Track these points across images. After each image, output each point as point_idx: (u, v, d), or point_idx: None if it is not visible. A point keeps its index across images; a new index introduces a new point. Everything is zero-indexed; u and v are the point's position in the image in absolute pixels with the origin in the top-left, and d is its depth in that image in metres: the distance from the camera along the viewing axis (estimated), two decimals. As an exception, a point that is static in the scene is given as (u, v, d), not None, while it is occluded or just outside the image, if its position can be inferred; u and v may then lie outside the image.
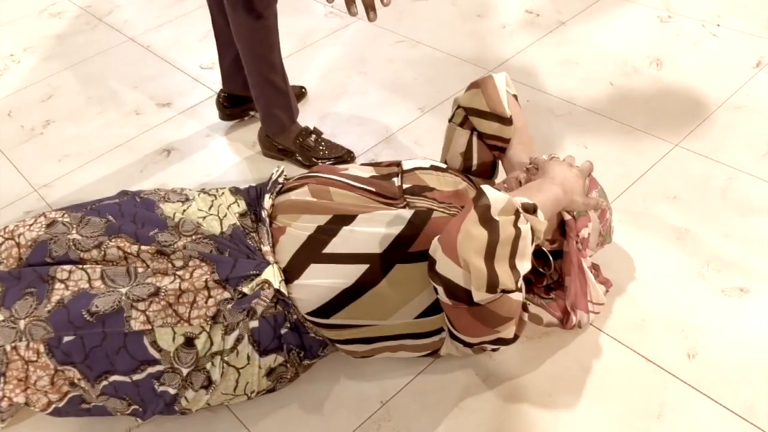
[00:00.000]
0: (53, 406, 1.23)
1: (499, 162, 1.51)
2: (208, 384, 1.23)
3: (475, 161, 1.49)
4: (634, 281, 1.47)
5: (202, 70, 2.33)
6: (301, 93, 2.14)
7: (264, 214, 1.29)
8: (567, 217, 1.32)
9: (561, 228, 1.35)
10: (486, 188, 1.13)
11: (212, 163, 1.93)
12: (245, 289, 1.20)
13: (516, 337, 1.26)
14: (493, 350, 1.36)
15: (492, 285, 1.07)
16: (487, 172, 1.52)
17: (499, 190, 1.29)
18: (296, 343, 1.27)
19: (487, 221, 1.09)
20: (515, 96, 1.48)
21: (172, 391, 1.21)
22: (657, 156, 1.77)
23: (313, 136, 1.87)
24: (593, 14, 2.35)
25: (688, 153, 1.76)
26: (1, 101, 2.29)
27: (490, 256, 1.07)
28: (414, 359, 1.37)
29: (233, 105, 2.02)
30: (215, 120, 2.09)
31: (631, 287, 1.46)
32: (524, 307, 1.27)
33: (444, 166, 1.44)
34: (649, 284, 1.46)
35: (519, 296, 1.18)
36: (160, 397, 1.21)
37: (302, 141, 1.85)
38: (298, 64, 2.29)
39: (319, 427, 1.29)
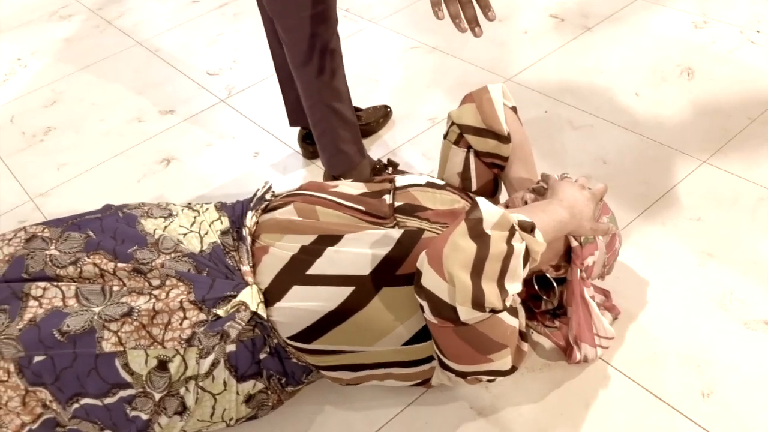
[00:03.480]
0: (27, 428, 1.23)
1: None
2: (183, 410, 1.22)
3: (474, 181, 1.46)
4: (647, 310, 1.42)
5: (209, 77, 2.34)
6: (386, 112, 2.00)
7: (245, 232, 1.28)
8: (574, 243, 1.28)
9: (568, 255, 1.31)
10: (481, 201, 1.10)
11: (212, 175, 1.94)
12: (220, 311, 1.19)
13: (514, 369, 1.23)
14: (489, 381, 1.32)
15: (477, 301, 1.04)
16: (489, 191, 1.49)
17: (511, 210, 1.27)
18: (277, 368, 1.26)
19: (478, 235, 1.06)
20: (514, 108, 1.44)
21: (145, 417, 1.20)
22: (682, 174, 1.71)
23: (390, 170, 1.78)
24: (622, 19, 2.29)
25: (717, 171, 1.70)
26: (5, 106, 2.34)
27: (477, 271, 1.04)
28: (405, 389, 1.34)
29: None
30: (218, 128, 2.10)
31: (643, 316, 1.41)
32: (523, 336, 1.24)
33: (441, 182, 1.41)
34: (665, 314, 1.41)
35: (514, 321, 1.15)
36: (132, 423, 1.21)
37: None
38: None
39: (300, 459, 1.27)
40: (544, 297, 1.38)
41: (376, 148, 1.94)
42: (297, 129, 1.96)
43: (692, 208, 1.62)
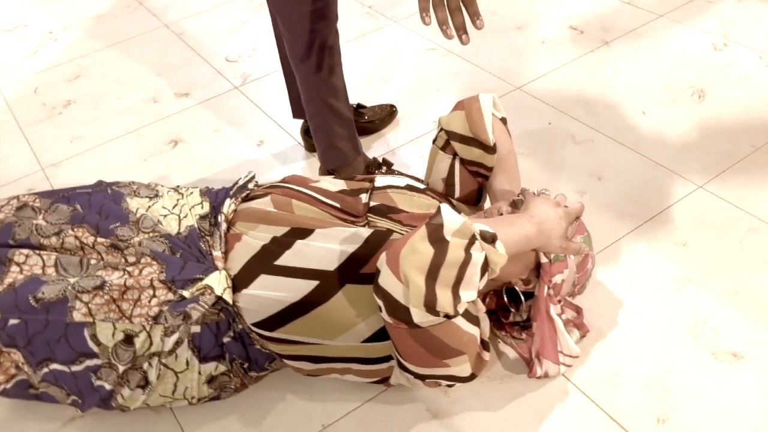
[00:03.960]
0: (2, 386, 1.30)
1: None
2: (145, 384, 1.27)
3: (457, 188, 1.47)
4: (617, 330, 1.42)
5: (227, 63, 2.40)
6: (392, 111, 2.03)
7: (221, 218, 1.33)
8: (543, 259, 1.29)
9: (538, 270, 1.32)
10: (444, 208, 1.12)
11: (215, 159, 1.99)
12: (185, 293, 1.23)
13: (473, 376, 1.25)
14: (449, 386, 1.34)
15: (430, 305, 1.06)
16: (472, 199, 1.50)
17: (478, 218, 1.28)
18: (240, 353, 1.30)
19: (437, 240, 1.08)
20: (504, 119, 1.45)
21: (108, 387, 1.25)
22: (676, 197, 1.70)
23: (384, 168, 1.81)
24: (641, 36, 2.27)
25: (712, 197, 1.69)
26: (32, 77, 2.43)
27: (432, 275, 1.06)
28: (365, 385, 1.37)
29: None
30: (228, 115, 2.15)
31: (612, 336, 1.41)
32: (485, 345, 1.26)
33: (422, 186, 1.44)
34: (634, 336, 1.41)
35: (472, 329, 1.17)
36: (96, 391, 1.26)
37: None
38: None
39: (254, 443, 1.31)
40: (513, 309, 1.39)
41: (377, 146, 1.97)
42: (300, 121, 2.00)
43: (680, 233, 1.61)
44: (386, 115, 2.01)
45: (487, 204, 1.58)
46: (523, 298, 1.35)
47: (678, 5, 2.39)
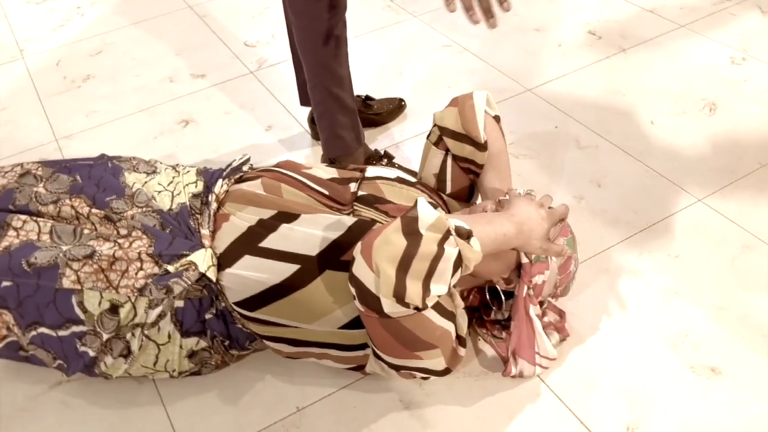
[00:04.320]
0: (-6, 346, 1.36)
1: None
2: (127, 353, 1.31)
3: (449, 184, 1.49)
4: (598, 337, 1.43)
5: (246, 48, 2.44)
6: (400, 105, 2.06)
7: (211, 198, 1.36)
8: (524, 260, 1.30)
9: (520, 270, 1.34)
10: (421, 201, 1.14)
11: (223, 141, 2.03)
12: (170, 267, 1.27)
13: (448, 371, 1.27)
14: (423, 378, 1.36)
15: (399, 296, 1.08)
16: (464, 196, 1.52)
17: (461, 215, 1.30)
18: (221, 330, 1.33)
19: (411, 233, 1.10)
20: (497, 117, 1.46)
21: (92, 353, 1.30)
22: (674, 208, 1.69)
23: (384, 161, 1.84)
24: (659, 45, 2.26)
25: (710, 211, 1.68)
26: (55, 50, 2.49)
27: (403, 267, 1.08)
28: (343, 372, 1.40)
29: None
30: (240, 98, 2.19)
31: (592, 342, 1.42)
32: (462, 341, 1.28)
33: (413, 180, 1.46)
34: (614, 343, 1.42)
35: (446, 324, 1.19)
36: (80, 357, 1.31)
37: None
38: (339, 54, 2.35)
39: (229, 419, 1.34)
40: (494, 307, 1.41)
41: (382, 139, 1.99)
42: (308, 109, 2.03)
43: (673, 244, 1.61)
44: (394, 108, 2.03)
45: (479, 202, 1.60)
46: (503, 297, 1.37)
47: (701, 16, 2.37)
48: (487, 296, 1.40)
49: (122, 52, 2.46)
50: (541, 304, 1.43)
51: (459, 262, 1.13)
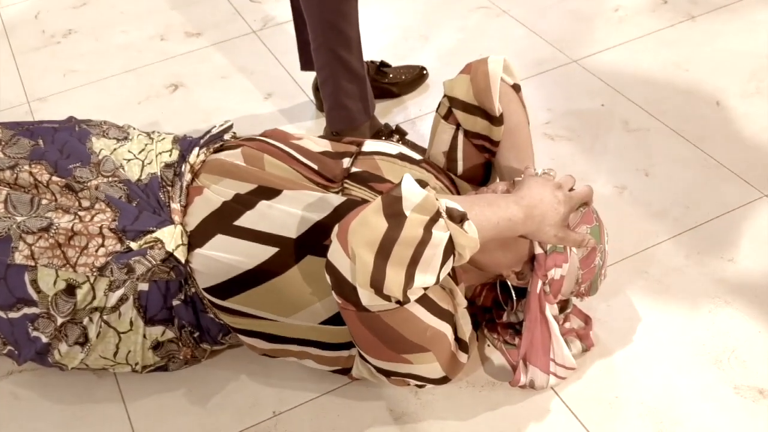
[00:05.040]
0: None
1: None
2: (84, 341, 1.38)
3: (460, 164, 1.52)
4: (628, 349, 1.45)
5: (250, 3, 2.50)
6: (421, 75, 2.10)
7: (185, 168, 1.42)
8: (538, 250, 1.32)
9: (533, 262, 1.36)
10: (406, 179, 1.16)
11: (215, 109, 2.10)
12: (133, 245, 1.33)
13: (446, 379, 1.31)
14: (418, 386, 1.40)
15: (376, 284, 1.10)
16: (478, 177, 1.55)
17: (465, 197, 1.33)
18: (190, 320, 1.39)
19: (394, 215, 1.12)
20: (516, 86, 1.49)
21: (45, 339, 1.37)
22: (733, 204, 1.70)
23: (396, 137, 1.87)
24: (736, 12, 2.26)
25: (777, 208, 1.69)
26: (35, 1, 2.60)
27: (384, 253, 1.10)
28: (329, 375, 1.45)
29: None
30: (239, 60, 2.25)
31: (620, 354, 1.44)
32: (463, 346, 1.31)
33: (419, 158, 1.49)
34: (646, 357, 1.44)
35: (440, 324, 1.22)
36: (32, 343, 1.38)
37: None
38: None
39: (195, 421, 1.40)
40: (506, 307, 1.44)
41: (397, 113, 2.03)
42: (313, 75, 2.08)
43: (729, 246, 1.62)
44: (414, 78, 2.07)
45: (497, 187, 1.63)
46: (514, 294, 1.40)
47: (790, -21, 2.36)
48: (498, 292, 1.43)
49: (108, 4, 2.55)
50: (564, 306, 1.46)
51: (451, 249, 1.16)
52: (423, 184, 1.19)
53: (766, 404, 1.36)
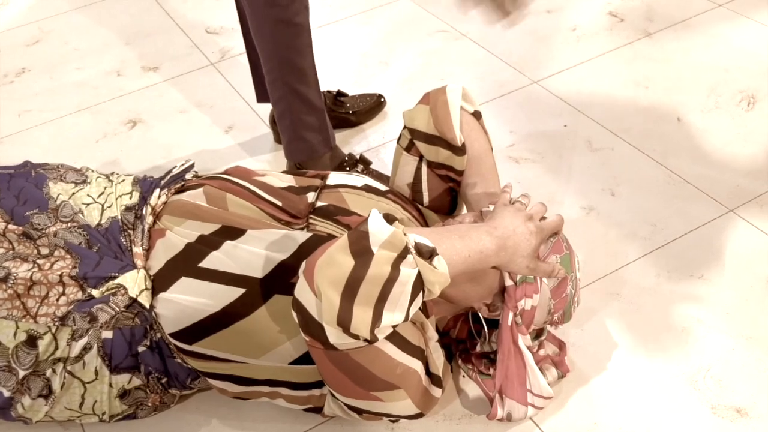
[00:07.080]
0: None
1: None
2: (48, 393, 1.34)
3: (426, 194, 1.52)
4: (604, 373, 1.45)
5: (207, 35, 2.49)
6: (379, 102, 2.12)
7: (146, 210, 1.40)
8: (508, 282, 1.32)
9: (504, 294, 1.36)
10: (373, 214, 1.16)
11: (175, 145, 2.07)
12: (95, 292, 1.30)
13: (420, 414, 1.29)
14: (392, 421, 1.38)
15: (343, 323, 1.08)
16: (445, 207, 1.54)
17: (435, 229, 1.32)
18: (156, 366, 1.36)
19: (360, 252, 1.11)
20: (477, 113, 1.49)
21: (6, 393, 1.33)
22: (700, 221, 1.71)
23: (360, 167, 1.87)
24: (692, 28, 2.29)
25: (743, 223, 1.70)
26: (-15, 40, 2.56)
27: (350, 291, 1.09)
28: (303, 414, 1.42)
29: None
30: (198, 94, 2.23)
31: (597, 380, 1.44)
32: (436, 381, 1.30)
33: (384, 189, 1.48)
34: (622, 380, 1.43)
35: (410, 361, 1.21)
36: (-6, 398, 1.34)
37: None
38: (317, 39, 2.39)
39: (166, 470, 1.37)
40: (479, 338, 1.43)
41: (358, 142, 2.02)
42: (270, 107, 2.06)
43: (698, 263, 1.63)
44: (371, 106, 2.07)
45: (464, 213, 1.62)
46: (485, 325, 1.39)
47: (742, -7, 2.41)
48: (471, 325, 1.42)
49: (62, 41, 2.52)
50: (539, 334, 1.46)
51: (420, 285, 1.15)
52: (391, 217, 1.18)
53: (743, 423, 1.36)
